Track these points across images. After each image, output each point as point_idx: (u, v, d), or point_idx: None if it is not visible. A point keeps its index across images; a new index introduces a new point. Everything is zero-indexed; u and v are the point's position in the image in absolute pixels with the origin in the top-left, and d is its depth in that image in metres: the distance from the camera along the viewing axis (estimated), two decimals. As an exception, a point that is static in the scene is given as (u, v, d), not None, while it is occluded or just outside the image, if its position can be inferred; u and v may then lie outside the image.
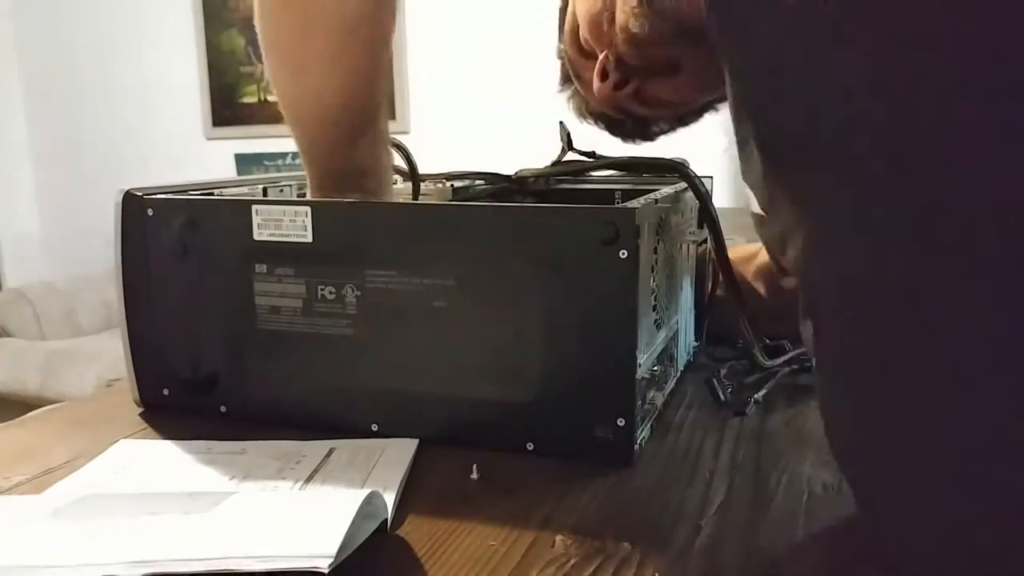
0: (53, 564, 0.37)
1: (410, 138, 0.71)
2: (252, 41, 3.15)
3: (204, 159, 3.21)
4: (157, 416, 0.61)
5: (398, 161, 0.71)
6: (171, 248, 0.58)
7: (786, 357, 0.67)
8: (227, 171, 3.17)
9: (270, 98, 3.17)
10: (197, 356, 0.59)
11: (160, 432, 0.58)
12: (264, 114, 3.19)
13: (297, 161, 0.61)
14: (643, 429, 0.53)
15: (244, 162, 3.20)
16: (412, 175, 0.70)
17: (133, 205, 0.58)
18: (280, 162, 3.13)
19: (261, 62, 3.16)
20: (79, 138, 3.39)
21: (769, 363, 0.65)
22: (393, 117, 3.02)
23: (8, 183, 3.42)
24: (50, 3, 3.33)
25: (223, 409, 0.59)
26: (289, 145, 0.61)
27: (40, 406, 0.66)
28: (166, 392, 0.60)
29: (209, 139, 3.25)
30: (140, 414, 0.61)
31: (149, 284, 0.59)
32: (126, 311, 0.60)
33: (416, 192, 0.71)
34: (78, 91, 3.36)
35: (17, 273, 3.35)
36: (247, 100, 3.21)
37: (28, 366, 2.60)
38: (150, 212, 0.58)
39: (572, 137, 0.78)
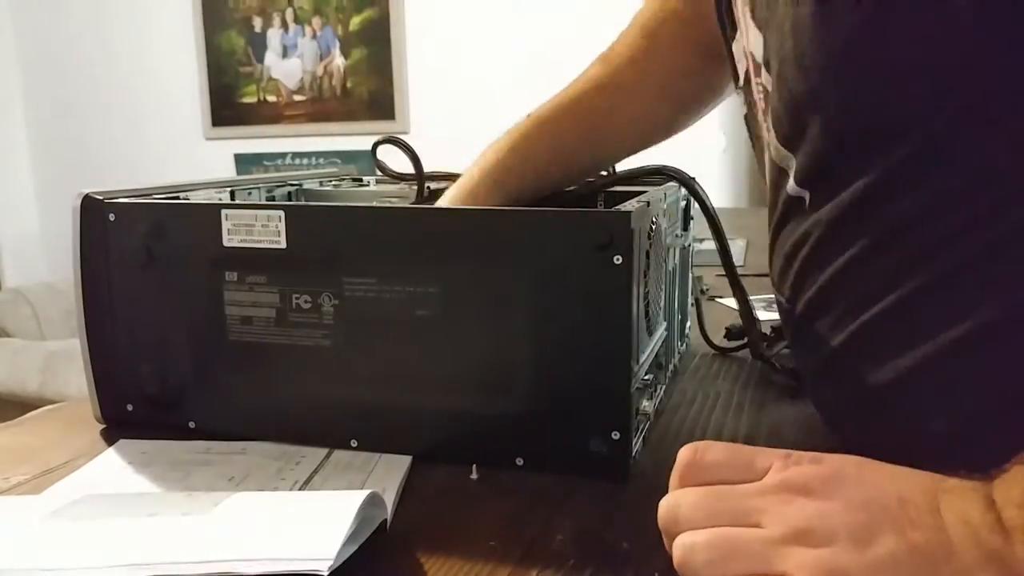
0: (53, 566, 0.37)
1: (409, 138, 0.70)
2: (251, 41, 3.16)
3: (204, 159, 3.21)
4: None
5: (398, 161, 0.71)
6: (135, 256, 0.55)
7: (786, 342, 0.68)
8: (227, 171, 3.17)
9: (269, 98, 3.17)
10: (163, 370, 0.56)
11: (159, 432, 0.57)
12: (264, 114, 3.19)
13: (296, 161, 0.61)
14: (636, 440, 0.52)
15: (244, 162, 3.20)
16: (418, 175, 0.70)
17: (93, 210, 0.56)
18: (280, 162, 3.13)
19: (260, 62, 3.19)
20: (78, 138, 3.39)
21: (769, 352, 0.68)
22: (392, 117, 3.03)
23: (8, 183, 3.42)
24: (50, 3, 3.33)
25: (192, 425, 0.57)
26: (289, 145, 0.61)
27: (40, 406, 0.66)
28: (130, 408, 0.58)
29: (208, 139, 3.26)
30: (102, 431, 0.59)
31: (111, 294, 0.56)
32: (86, 323, 0.57)
33: (421, 193, 0.70)
34: (78, 91, 3.36)
35: (17, 273, 3.35)
36: (247, 100, 3.21)
37: (28, 366, 2.60)
38: (112, 217, 0.55)
39: None
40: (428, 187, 0.71)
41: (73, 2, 3.30)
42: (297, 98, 3.15)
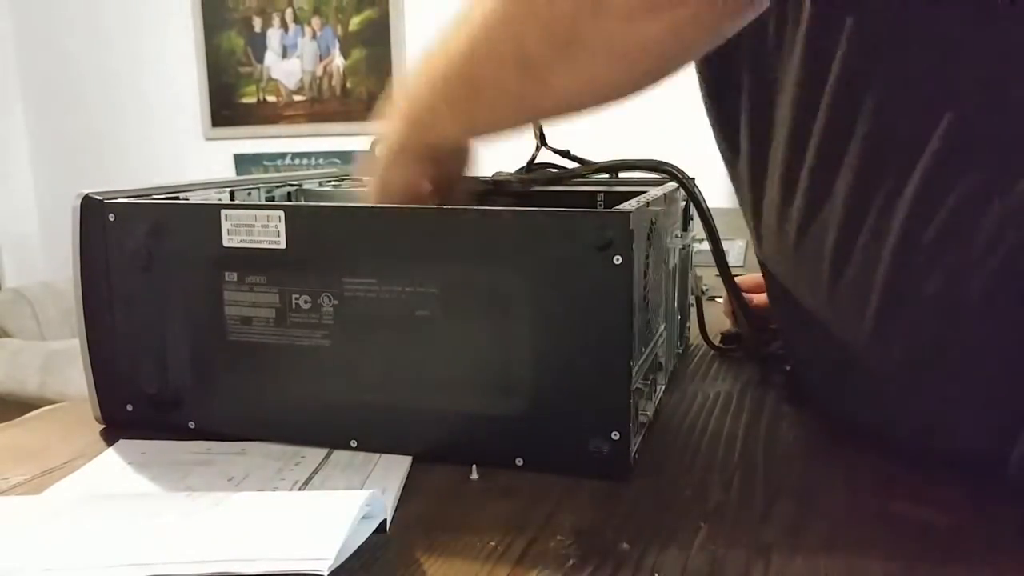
0: (53, 565, 0.37)
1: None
2: (251, 41, 3.16)
3: (203, 159, 3.21)
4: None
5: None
6: (135, 256, 0.55)
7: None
8: (227, 171, 3.17)
9: (269, 98, 3.17)
10: (163, 370, 0.56)
11: (159, 432, 0.57)
12: (263, 114, 3.19)
13: (296, 161, 0.60)
14: (636, 440, 0.52)
15: (243, 162, 3.20)
16: None
17: (93, 210, 0.56)
18: (279, 162, 3.13)
19: (260, 62, 3.19)
20: (78, 138, 3.40)
21: (766, 351, 0.68)
22: (392, 117, 3.02)
23: (8, 183, 3.42)
24: (50, 3, 3.33)
25: (191, 425, 0.57)
26: (288, 145, 0.61)
27: (40, 406, 0.66)
28: (130, 408, 0.58)
29: (208, 139, 3.26)
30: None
31: (111, 294, 0.56)
32: (86, 323, 0.57)
33: None
34: (77, 91, 3.36)
35: (17, 273, 3.35)
36: (246, 100, 3.21)
37: (28, 366, 2.60)
38: (111, 218, 0.55)
39: (545, 133, 0.76)
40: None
41: (73, 3, 3.30)
42: (297, 98, 3.15)
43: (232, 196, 0.67)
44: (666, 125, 2.09)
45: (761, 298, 0.74)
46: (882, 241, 0.47)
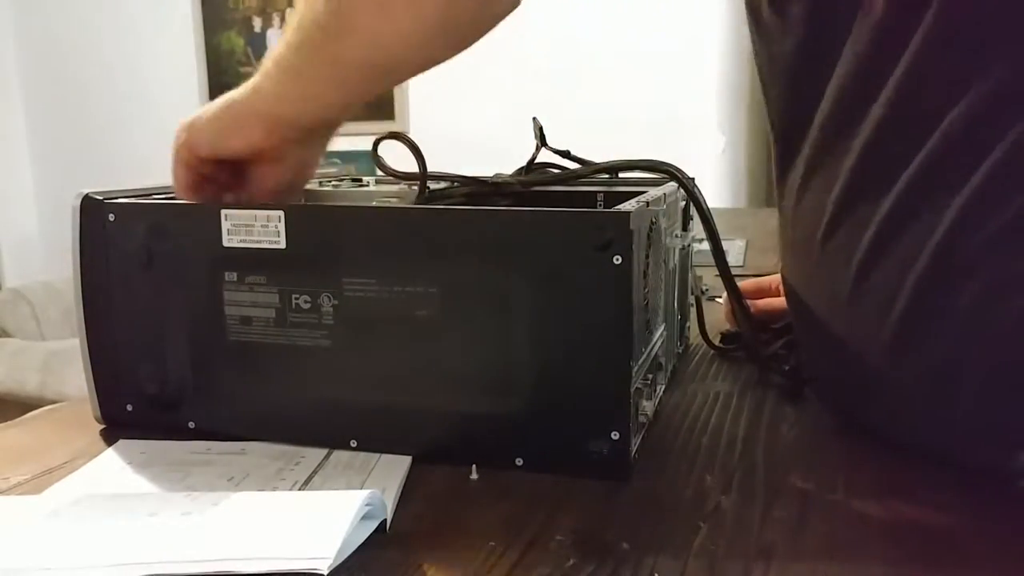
0: (53, 565, 0.37)
1: (409, 138, 0.70)
2: (251, 41, 3.16)
3: (204, 159, 3.21)
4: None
5: (396, 162, 0.71)
6: (135, 256, 0.55)
7: (782, 341, 0.69)
8: (227, 171, 3.17)
9: (270, 98, 3.17)
10: (163, 370, 0.56)
11: (159, 432, 0.57)
12: (264, 114, 3.19)
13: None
14: (636, 440, 0.52)
15: (244, 162, 3.20)
16: (421, 173, 0.69)
17: (93, 210, 0.56)
18: (280, 162, 3.13)
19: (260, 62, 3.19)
20: (78, 138, 3.40)
21: (767, 351, 0.68)
22: (392, 117, 3.03)
23: (8, 183, 3.42)
24: (50, 4, 3.33)
25: (191, 425, 0.57)
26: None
27: (40, 406, 0.66)
28: (130, 408, 0.58)
29: (209, 139, 3.25)
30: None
31: (111, 294, 0.57)
32: (85, 323, 0.58)
33: (422, 192, 0.70)
34: (77, 91, 3.37)
35: (17, 273, 3.35)
36: (247, 100, 3.21)
37: (28, 366, 2.60)
38: (111, 217, 0.56)
39: (545, 133, 0.76)
40: (428, 187, 0.71)
41: (73, 2, 3.30)
42: (297, 98, 3.15)
43: None
44: (666, 125, 2.09)
45: (761, 303, 0.74)
46: (923, 244, 0.46)
